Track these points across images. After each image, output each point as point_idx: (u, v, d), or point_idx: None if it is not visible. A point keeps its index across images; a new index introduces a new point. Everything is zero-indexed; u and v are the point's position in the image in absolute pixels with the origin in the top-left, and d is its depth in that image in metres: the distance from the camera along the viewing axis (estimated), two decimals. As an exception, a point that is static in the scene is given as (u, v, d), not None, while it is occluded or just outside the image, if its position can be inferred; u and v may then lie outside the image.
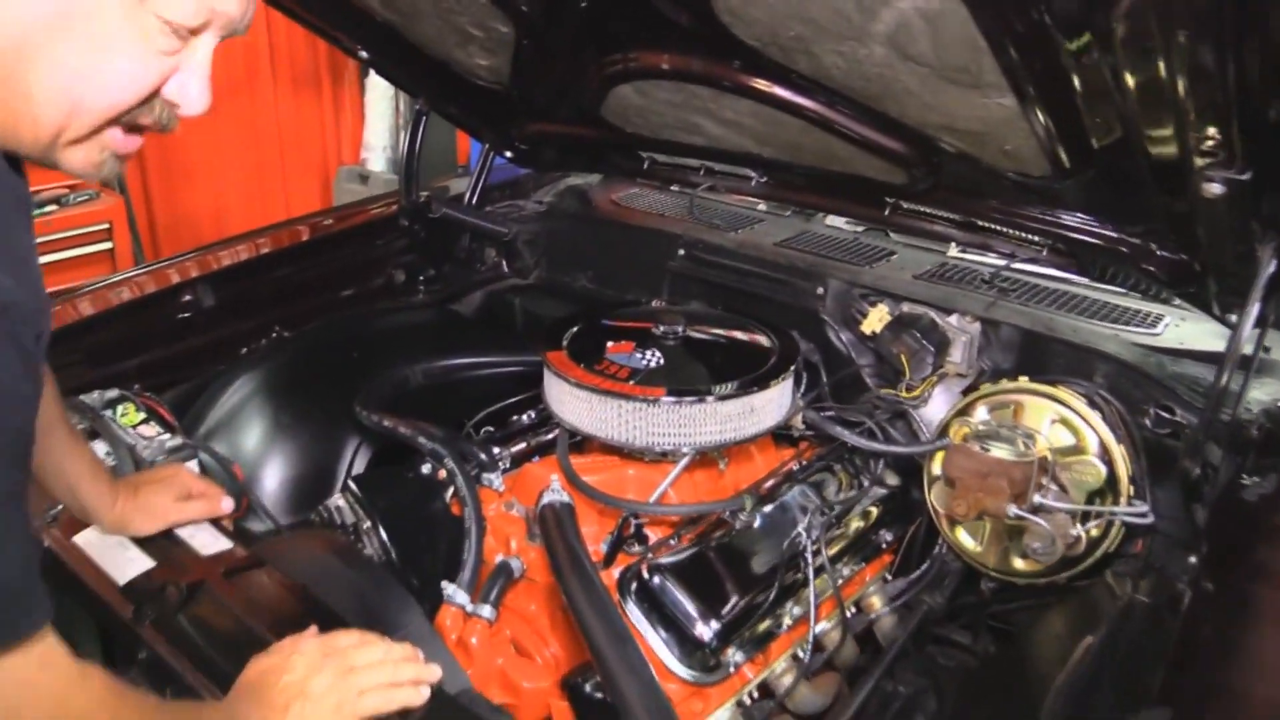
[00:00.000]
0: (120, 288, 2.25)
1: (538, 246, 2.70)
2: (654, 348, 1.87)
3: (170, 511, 1.58)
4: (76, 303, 2.19)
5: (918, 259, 2.26)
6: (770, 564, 1.75)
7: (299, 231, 2.49)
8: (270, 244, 2.41)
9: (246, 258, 2.36)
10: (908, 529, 2.08)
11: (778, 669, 1.74)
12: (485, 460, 1.84)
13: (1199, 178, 1.25)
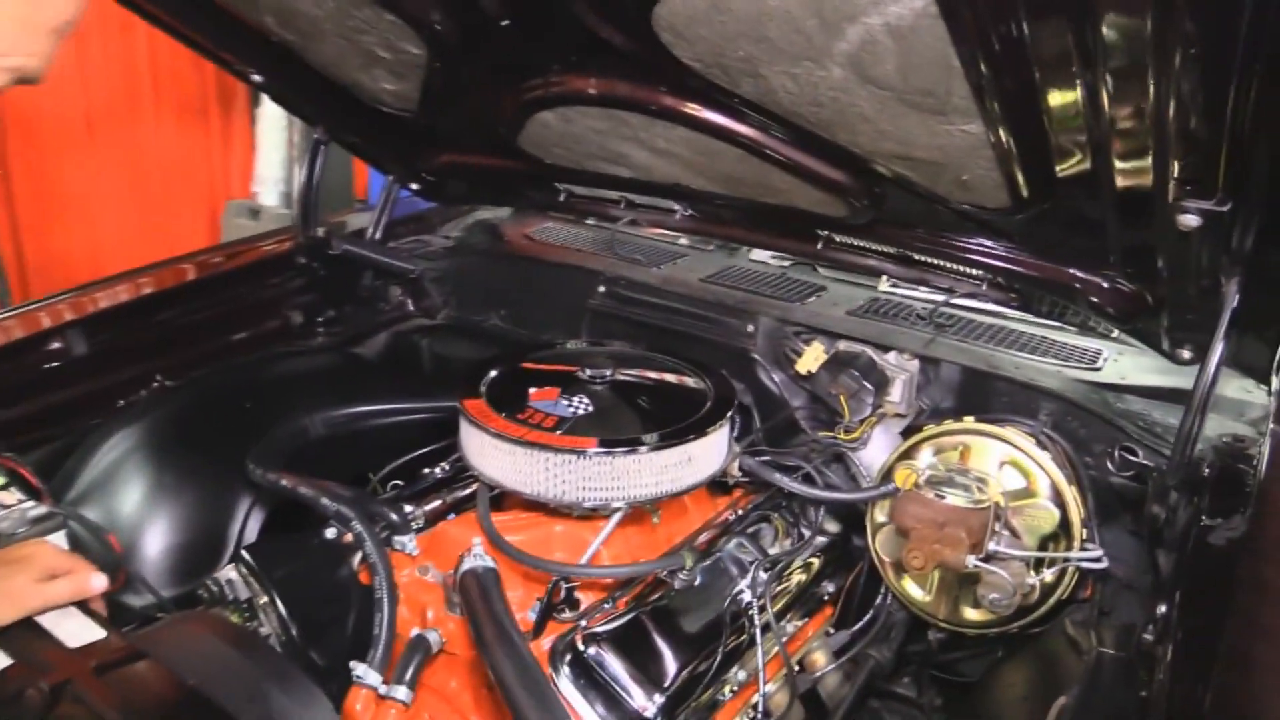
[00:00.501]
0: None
1: (446, 284, 2.54)
2: (581, 393, 1.73)
3: (29, 595, 1.36)
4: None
5: (849, 294, 2.17)
6: (713, 626, 1.61)
7: (184, 270, 2.27)
8: (153, 284, 2.20)
9: (125, 299, 2.13)
10: (848, 579, 1.98)
11: (723, 740, 1.60)
12: (396, 521, 1.67)
13: (1173, 209, 1.17)
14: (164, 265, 2.28)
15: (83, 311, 2.07)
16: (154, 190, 4.42)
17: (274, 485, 1.79)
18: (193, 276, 2.26)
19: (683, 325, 2.15)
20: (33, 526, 1.62)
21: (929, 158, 1.33)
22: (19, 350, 1.97)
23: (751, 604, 1.66)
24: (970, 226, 1.63)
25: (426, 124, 2.09)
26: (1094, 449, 1.78)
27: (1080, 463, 1.77)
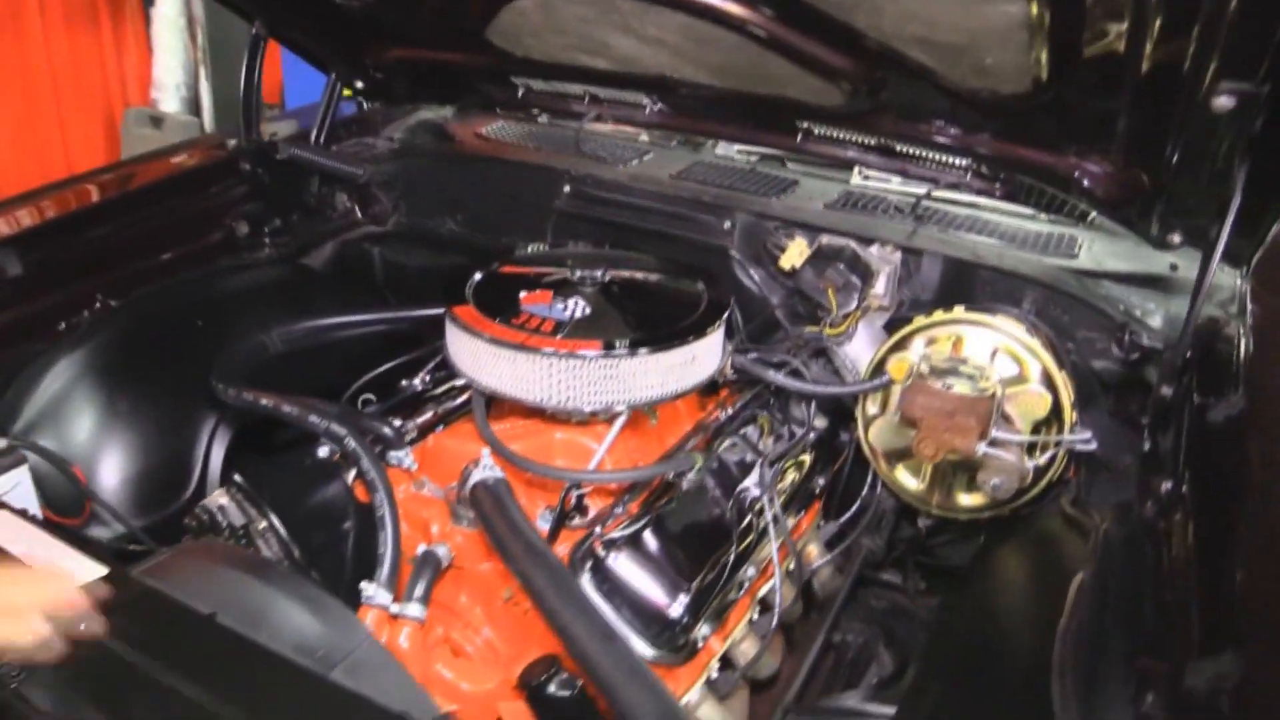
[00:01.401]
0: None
1: (394, 189, 2.42)
2: (574, 296, 1.66)
3: None
4: None
5: (822, 188, 2.13)
6: (722, 525, 1.60)
7: (118, 181, 2.11)
8: (84, 197, 2.03)
9: (56, 214, 1.97)
10: (833, 473, 1.99)
11: (737, 637, 1.61)
12: (389, 436, 1.60)
13: (1207, 92, 1.15)
14: (95, 175, 2.11)
15: (11, 229, 1.90)
16: (45, 102, 4.07)
17: (250, 405, 1.69)
18: (127, 187, 2.09)
19: (656, 224, 2.09)
20: (-8, 461, 1.50)
21: (953, 41, 1.29)
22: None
23: (758, 500, 1.65)
24: (969, 114, 1.60)
25: (378, 16, 1.95)
26: (1076, 335, 1.80)
27: (1063, 349, 1.79)
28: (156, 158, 2.25)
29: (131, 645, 1.10)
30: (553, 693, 1.34)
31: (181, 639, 1.12)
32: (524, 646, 1.50)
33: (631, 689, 1.14)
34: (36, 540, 1.26)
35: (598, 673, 1.18)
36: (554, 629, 1.25)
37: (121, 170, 2.17)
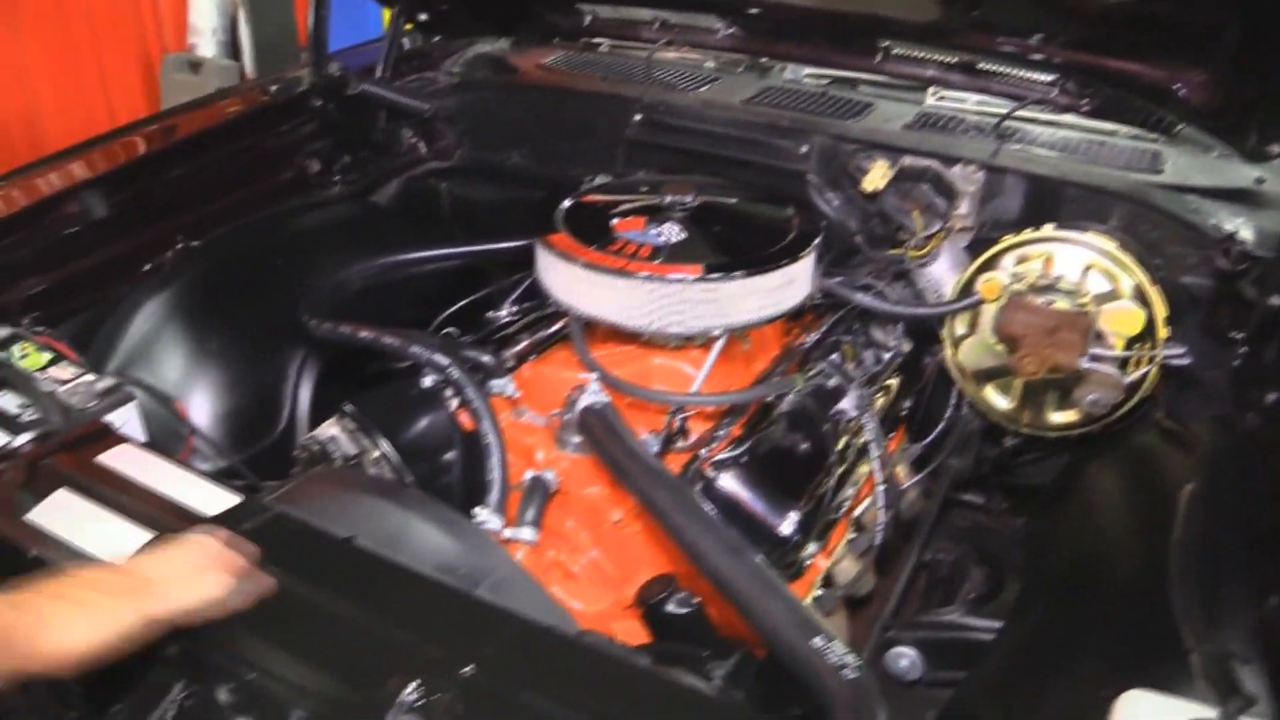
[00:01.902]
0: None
1: (459, 123, 2.40)
2: (667, 221, 1.66)
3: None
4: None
5: (897, 110, 2.10)
6: (824, 446, 1.61)
7: (190, 122, 2.10)
8: (159, 140, 2.03)
9: (135, 157, 1.97)
10: (918, 395, 1.99)
11: (837, 556, 1.63)
12: (490, 365, 1.60)
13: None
14: (167, 116, 2.10)
15: (93, 172, 1.90)
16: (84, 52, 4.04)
17: (346, 338, 1.70)
18: (200, 127, 2.08)
19: (730, 150, 2.06)
20: (102, 400, 1.52)
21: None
22: (35, 215, 1.81)
23: (854, 421, 1.66)
24: (1069, 26, 1.57)
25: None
26: (1165, 250, 1.79)
27: (1152, 264, 1.77)
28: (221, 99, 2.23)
29: (278, 569, 1.12)
30: (671, 610, 1.36)
31: (323, 563, 1.14)
32: (632, 568, 1.52)
33: (768, 600, 1.15)
34: (171, 474, 1.28)
35: (731, 586, 1.19)
36: (680, 546, 1.26)
37: (192, 112, 2.16)
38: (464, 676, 0.98)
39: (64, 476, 1.28)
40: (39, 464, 1.31)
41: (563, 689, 0.98)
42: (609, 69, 2.32)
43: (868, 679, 1.06)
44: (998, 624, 1.56)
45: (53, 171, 1.93)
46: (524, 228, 2.18)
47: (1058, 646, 1.35)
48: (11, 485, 1.28)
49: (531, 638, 1.06)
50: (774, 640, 1.13)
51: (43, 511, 1.23)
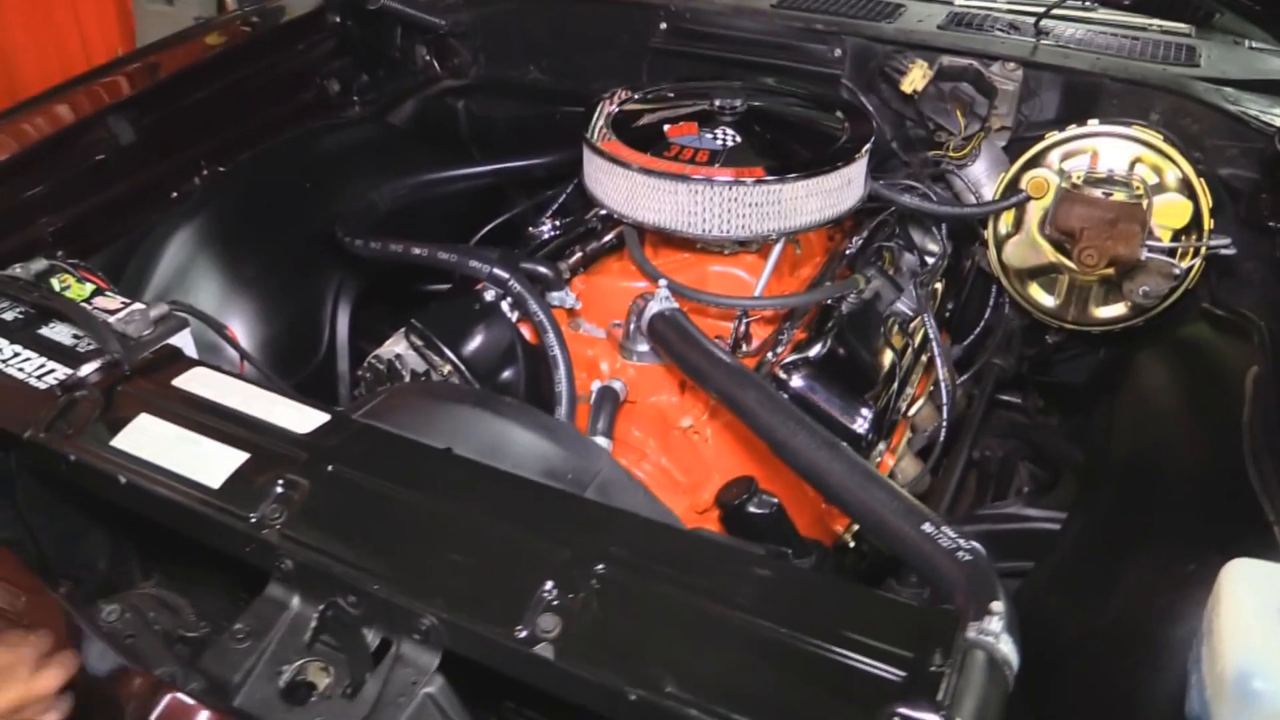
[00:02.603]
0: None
1: (473, 39, 2.34)
2: (720, 126, 1.63)
3: None
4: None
5: (928, 10, 2.08)
6: (884, 345, 1.62)
7: (210, 43, 2.02)
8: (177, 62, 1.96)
9: (158, 80, 1.90)
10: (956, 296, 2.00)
11: (900, 454, 1.65)
12: (551, 277, 1.58)
13: None
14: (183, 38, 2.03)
15: (116, 96, 1.83)
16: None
17: (397, 256, 1.67)
18: (218, 49, 2.02)
19: (761, 56, 2.03)
20: (157, 327, 1.48)
21: None
22: (57, 146, 1.75)
23: (911, 320, 1.67)
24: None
25: None
26: (1205, 143, 1.79)
27: (1193, 157, 1.78)
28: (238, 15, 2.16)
29: (381, 480, 1.11)
30: (753, 510, 1.37)
31: (426, 474, 1.13)
32: (702, 474, 1.53)
33: (872, 489, 1.15)
34: (252, 394, 1.26)
35: (830, 479, 1.19)
36: (771, 444, 1.26)
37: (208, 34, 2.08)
38: (597, 574, 0.98)
39: (144, 402, 1.26)
40: (115, 391, 1.28)
41: (693, 581, 0.98)
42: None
43: (983, 560, 1.08)
44: (1059, 514, 1.60)
45: (67, 102, 1.87)
46: (545, 144, 2.16)
47: (1130, 530, 1.38)
48: (90, 414, 1.26)
49: (653, 535, 1.06)
50: (882, 529, 1.14)
51: (128, 438, 1.21)
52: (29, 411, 1.27)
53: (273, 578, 1.07)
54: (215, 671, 1.01)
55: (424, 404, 1.27)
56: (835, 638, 0.92)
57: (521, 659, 0.94)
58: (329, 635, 1.02)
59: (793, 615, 0.94)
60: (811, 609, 0.96)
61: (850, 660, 0.91)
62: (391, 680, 0.99)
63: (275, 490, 1.10)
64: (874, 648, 0.91)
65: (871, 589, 1.09)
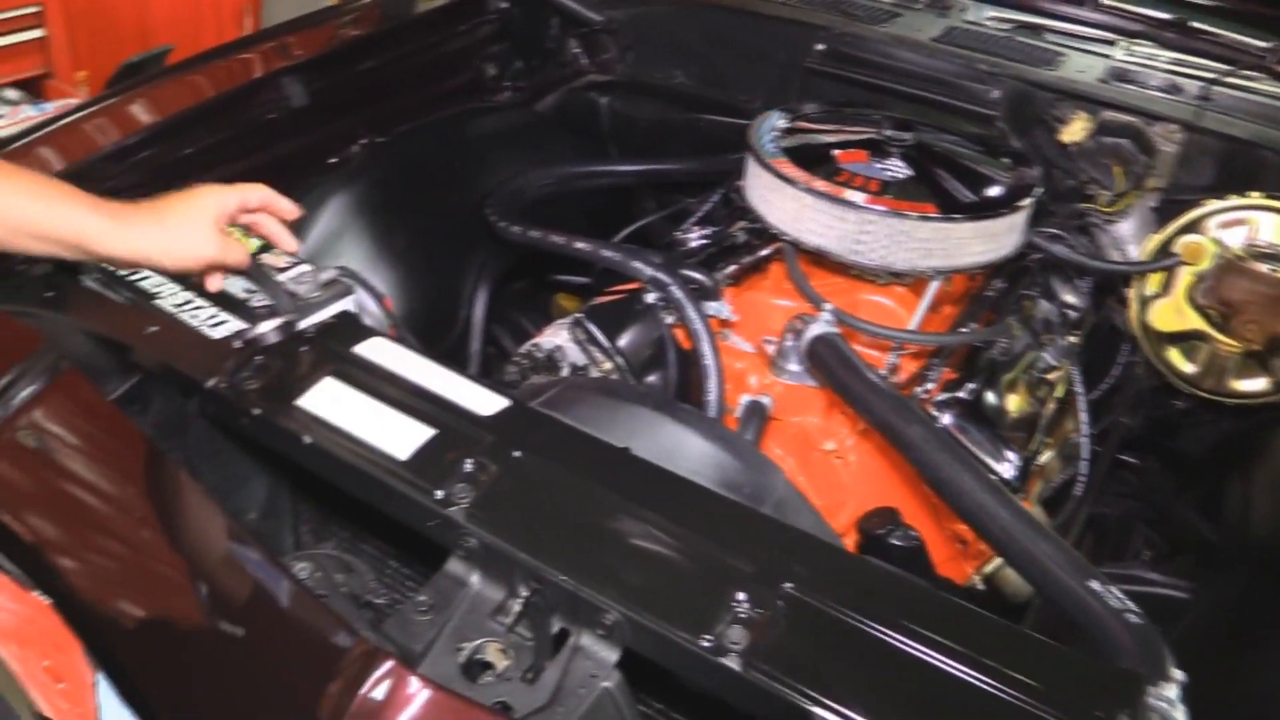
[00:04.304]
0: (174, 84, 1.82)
1: (625, 37, 2.36)
2: (891, 157, 1.64)
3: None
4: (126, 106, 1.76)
5: (1089, 62, 2.06)
6: (1026, 394, 1.62)
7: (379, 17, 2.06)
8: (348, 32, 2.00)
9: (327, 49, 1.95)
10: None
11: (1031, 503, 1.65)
12: (708, 286, 1.60)
13: None
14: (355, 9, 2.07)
15: (291, 58, 1.88)
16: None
17: (558, 246, 1.70)
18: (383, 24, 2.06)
19: (916, 89, 2.04)
20: (324, 290, 1.51)
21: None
22: (234, 102, 1.79)
23: (1053, 370, 1.67)
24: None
25: None
26: None
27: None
28: None
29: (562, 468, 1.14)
30: (895, 542, 1.38)
31: (606, 471, 1.15)
32: (840, 499, 1.55)
33: (1038, 540, 1.17)
34: (430, 370, 1.29)
35: (993, 524, 1.20)
36: (933, 481, 1.28)
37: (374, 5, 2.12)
38: (784, 592, 1.00)
39: (328, 366, 1.29)
40: (299, 351, 1.32)
41: (878, 612, 1.00)
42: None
43: (1151, 626, 1.08)
44: (1184, 584, 1.59)
45: (242, 60, 1.92)
46: (685, 149, 2.18)
47: (1271, 617, 1.37)
48: (273, 372, 1.29)
49: (835, 560, 1.08)
50: (1046, 581, 1.15)
51: (312, 399, 1.24)
52: (210, 360, 1.30)
53: (454, 555, 1.10)
54: (400, 640, 1.04)
55: (603, 401, 1.29)
56: (1024, 688, 0.93)
57: (707, 667, 0.96)
58: (516, 619, 1.04)
59: (981, 660, 0.96)
60: (999, 655, 0.97)
61: (1038, 712, 0.92)
62: (571, 671, 1.01)
63: (463, 469, 1.12)
64: (1061, 701, 0.92)
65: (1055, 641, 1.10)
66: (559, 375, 1.53)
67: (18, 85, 3.46)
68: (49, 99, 3.47)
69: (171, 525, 1.09)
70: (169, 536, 1.08)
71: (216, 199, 1.26)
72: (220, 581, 1.06)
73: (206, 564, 1.07)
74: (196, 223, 1.24)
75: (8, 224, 1.13)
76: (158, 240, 1.20)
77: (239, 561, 1.06)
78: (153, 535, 1.08)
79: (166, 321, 1.38)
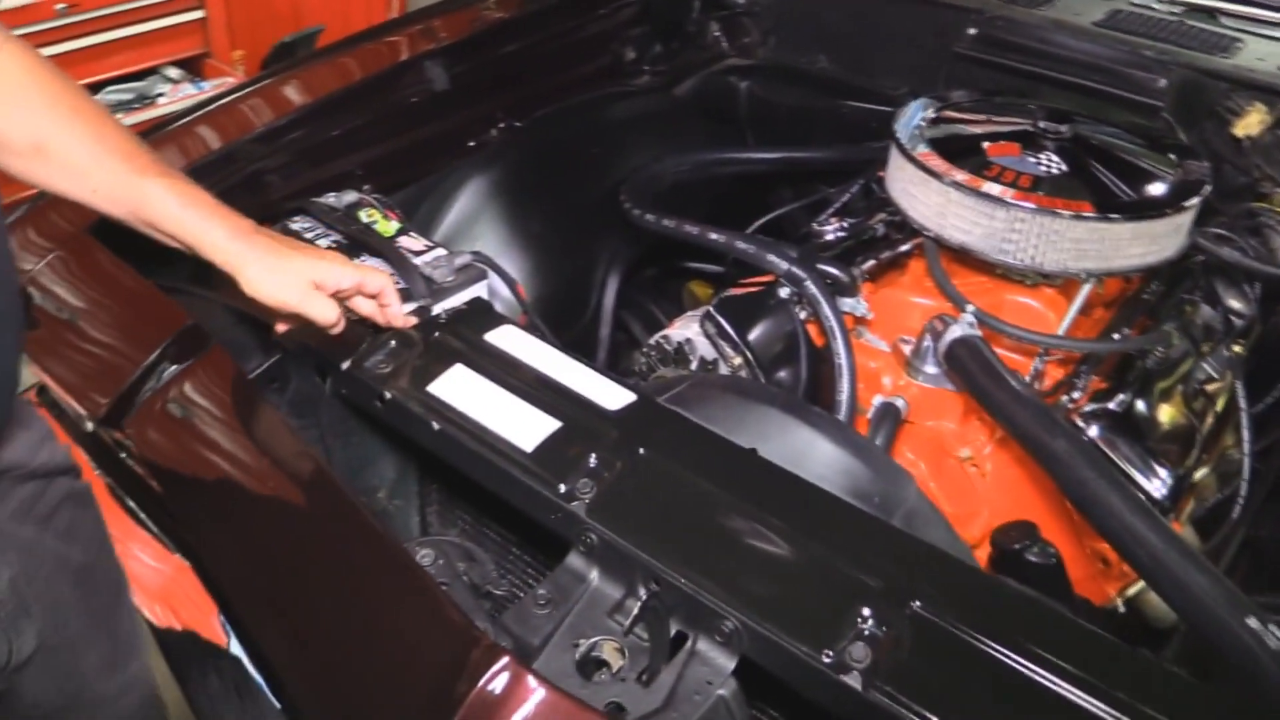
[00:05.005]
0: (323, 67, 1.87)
1: (765, 19, 2.31)
2: (1044, 151, 1.56)
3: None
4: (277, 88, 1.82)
5: (1270, 49, 1.92)
6: (1183, 407, 1.52)
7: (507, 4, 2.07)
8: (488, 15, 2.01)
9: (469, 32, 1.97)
10: (1252, 361, 1.86)
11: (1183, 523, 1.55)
12: (845, 282, 1.55)
13: None
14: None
15: (434, 41, 1.90)
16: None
17: (691, 236, 1.67)
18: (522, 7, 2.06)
19: (1075, 76, 1.93)
20: (459, 275, 1.53)
21: None
22: (383, 81, 1.83)
23: (1211, 383, 1.56)
24: None
25: None
26: None
27: None
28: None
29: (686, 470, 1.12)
30: (1032, 559, 1.32)
31: (733, 473, 1.13)
32: (972, 509, 1.49)
33: (1191, 570, 1.09)
34: (558, 361, 1.28)
35: (1142, 550, 1.14)
36: (1078, 500, 1.22)
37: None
38: (912, 611, 0.96)
39: (459, 352, 1.30)
40: (432, 337, 1.34)
41: (1012, 639, 0.95)
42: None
43: (1317, 671, 1.00)
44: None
45: (387, 44, 1.95)
46: (826, 136, 2.12)
47: None
48: (406, 356, 1.31)
49: (967, 578, 1.03)
50: (1198, 614, 1.08)
51: (442, 385, 1.26)
52: (346, 342, 1.33)
53: (574, 549, 1.09)
54: (518, 633, 1.04)
55: (731, 400, 1.26)
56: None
57: (827, 684, 0.93)
58: (635, 619, 1.03)
59: (1115, 695, 0.90)
60: (1136, 690, 0.91)
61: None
62: (686, 676, 1.00)
63: (588, 464, 1.12)
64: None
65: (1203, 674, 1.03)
66: (688, 368, 1.51)
67: (178, 64, 3.63)
68: (207, 78, 3.63)
69: (301, 504, 1.12)
70: (298, 516, 1.11)
71: (334, 267, 1.24)
72: (346, 563, 1.08)
73: (333, 545, 1.10)
74: (300, 273, 1.20)
75: (138, 216, 1.16)
76: (261, 265, 1.18)
77: (366, 545, 1.08)
78: (283, 513, 1.11)
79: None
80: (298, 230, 1.61)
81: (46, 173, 1.15)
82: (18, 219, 1.63)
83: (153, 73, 3.60)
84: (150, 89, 3.51)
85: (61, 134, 1.13)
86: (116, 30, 3.33)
